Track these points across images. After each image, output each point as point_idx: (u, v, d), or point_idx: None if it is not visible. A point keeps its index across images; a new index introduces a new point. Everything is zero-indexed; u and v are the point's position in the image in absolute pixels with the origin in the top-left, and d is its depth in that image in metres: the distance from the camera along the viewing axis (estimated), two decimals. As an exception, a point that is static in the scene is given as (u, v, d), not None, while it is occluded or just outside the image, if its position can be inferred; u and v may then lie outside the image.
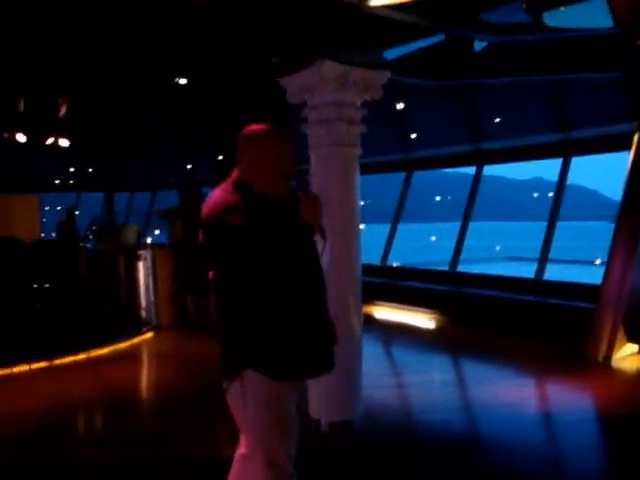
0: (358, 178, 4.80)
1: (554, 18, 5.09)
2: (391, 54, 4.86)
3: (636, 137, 7.36)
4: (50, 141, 7.50)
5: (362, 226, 4.97)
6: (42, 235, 13.39)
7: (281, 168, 2.52)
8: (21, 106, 6.71)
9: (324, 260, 4.66)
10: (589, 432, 5.26)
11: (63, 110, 6.85)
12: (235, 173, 2.58)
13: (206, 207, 2.48)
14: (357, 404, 4.88)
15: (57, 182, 16.57)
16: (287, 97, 4.88)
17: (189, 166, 13.27)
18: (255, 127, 2.56)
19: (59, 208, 18.21)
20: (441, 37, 4.72)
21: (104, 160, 12.93)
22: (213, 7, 4.17)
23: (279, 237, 2.41)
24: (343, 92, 4.62)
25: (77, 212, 16.28)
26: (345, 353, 4.66)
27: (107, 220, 14.01)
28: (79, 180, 16.66)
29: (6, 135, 7.01)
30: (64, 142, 7.75)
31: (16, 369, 6.80)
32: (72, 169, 14.72)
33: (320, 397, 4.76)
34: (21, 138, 7.11)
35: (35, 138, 7.22)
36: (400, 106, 6.35)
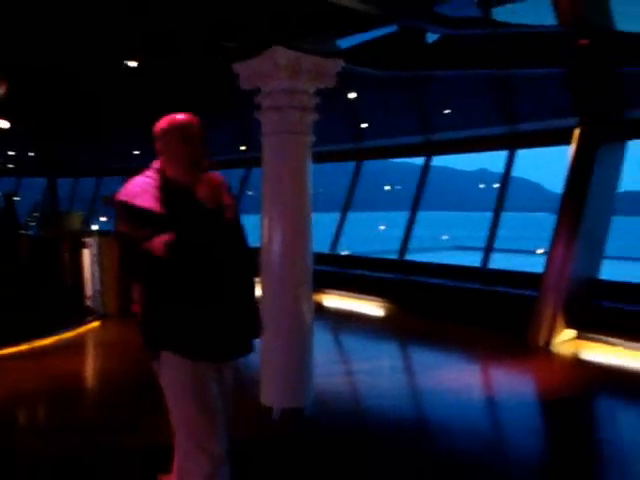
0: (310, 166, 4.80)
1: (503, 14, 5.22)
2: (345, 43, 4.87)
3: (577, 132, 7.65)
4: (-11, 122, 7.19)
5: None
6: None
7: (189, 158, 2.59)
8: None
9: (275, 248, 4.71)
10: (530, 414, 5.49)
11: (2, 90, 6.56)
12: (157, 160, 2.69)
13: (122, 190, 2.58)
14: (308, 391, 4.92)
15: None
16: (240, 83, 4.83)
17: (136, 152, 12.97)
18: (166, 119, 2.64)
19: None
20: (394, 28, 4.75)
21: (47, 144, 12.47)
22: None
23: (187, 222, 2.48)
24: (296, 79, 4.61)
25: (17, 198, 15.66)
26: (296, 341, 4.72)
27: (50, 206, 13.51)
28: (19, 164, 16.00)
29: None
30: (4, 123, 7.43)
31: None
32: (12, 152, 14.12)
33: (272, 384, 4.78)
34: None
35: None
36: (352, 95, 6.35)
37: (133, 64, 5.56)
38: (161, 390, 2.71)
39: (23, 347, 7.14)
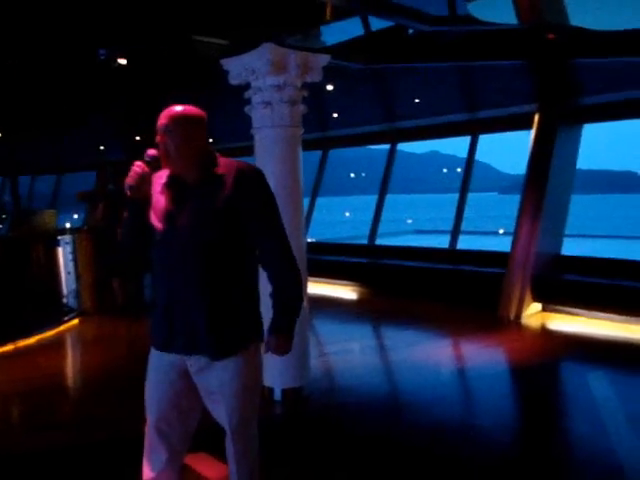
0: (301, 157, 5.03)
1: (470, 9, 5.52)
2: (331, 40, 5.10)
3: (536, 117, 8.12)
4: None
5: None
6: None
7: (205, 152, 2.51)
8: None
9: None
10: (503, 381, 5.93)
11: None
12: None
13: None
14: (306, 372, 5.19)
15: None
16: (229, 79, 5.00)
17: (102, 147, 12.84)
18: (191, 109, 2.49)
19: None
20: (378, 25, 5.02)
21: (7, 142, 12.21)
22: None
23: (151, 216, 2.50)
24: (285, 75, 4.82)
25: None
26: (295, 324, 4.95)
27: (13, 206, 13.25)
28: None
29: None
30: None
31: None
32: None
33: (272, 367, 5.01)
34: None
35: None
36: (330, 87, 6.60)
37: (123, 61, 5.61)
38: (142, 382, 2.62)
39: (8, 347, 7.16)
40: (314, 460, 4.02)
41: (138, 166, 2.41)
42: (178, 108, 2.45)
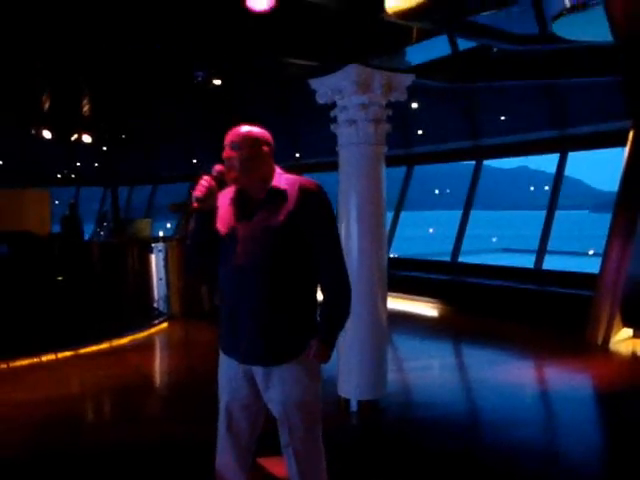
0: (384, 175, 5.14)
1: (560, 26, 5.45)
2: (416, 59, 5.20)
3: (631, 134, 7.80)
4: (74, 137, 7.73)
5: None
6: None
7: (269, 169, 2.66)
8: (46, 104, 6.93)
9: (352, 252, 5.04)
10: (588, 408, 5.69)
11: (86, 107, 7.08)
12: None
13: None
14: (383, 385, 5.25)
15: (59, 176, 16.70)
16: (316, 97, 5.20)
17: (195, 160, 13.50)
18: (257, 129, 2.65)
19: (57, 202, 18.31)
20: (459, 45, 5.07)
21: (109, 154, 13.10)
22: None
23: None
24: (370, 94, 4.95)
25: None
26: (373, 338, 5.06)
27: (113, 214, 14.25)
28: (79, 174, 16.76)
29: (33, 131, 7.21)
30: (87, 138, 7.96)
31: (44, 357, 7.07)
32: (78, 164, 14.85)
33: (350, 378, 5.12)
34: (47, 134, 7.33)
35: (60, 134, 7.43)
36: (414, 105, 6.68)
37: (217, 82, 5.96)
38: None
39: (104, 345, 7.68)
40: (387, 473, 4.05)
41: (206, 180, 2.56)
42: (245, 128, 2.63)
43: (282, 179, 2.64)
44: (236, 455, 2.79)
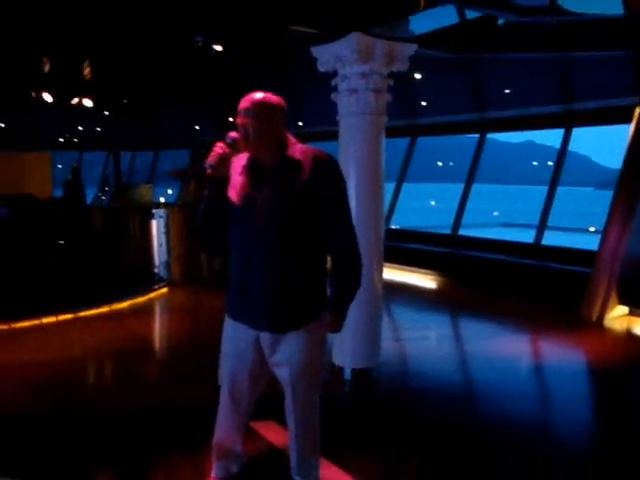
0: (384, 145, 5.12)
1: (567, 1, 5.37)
2: (419, 29, 5.13)
3: (637, 111, 7.71)
4: (75, 101, 7.69)
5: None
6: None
7: (283, 137, 2.65)
8: (47, 67, 6.87)
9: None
10: (581, 383, 5.76)
11: (87, 71, 7.02)
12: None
13: None
14: (376, 354, 5.31)
15: (61, 140, 16.65)
16: (317, 66, 5.15)
17: (196, 127, 13.43)
18: (271, 96, 2.64)
19: (59, 166, 18.32)
20: (467, 15, 4.99)
21: (112, 119, 13.04)
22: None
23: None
24: (372, 63, 4.90)
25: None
26: (368, 308, 5.10)
27: (115, 179, 14.24)
28: (83, 138, 16.71)
29: (33, 94, 7.16)
30: (88, 102, 7.91)
31: (45, 320, 7.15)
32: (80, 128, 14.80)
33: (344, 347, 5.18)
34: (47, 97, 7.28)
35: (61, 98, 7.38)
36: (418, 76, 6.61)
37: (218, 48, 5.91)
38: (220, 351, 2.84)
39: (104, 309, 7.76)
40: (379, 441, 4.11)
41: (219, 147, 2.58)
42: (259, 94, 2.60)
43: (296, 149, 2.64)
44: (235, 419, 2.87)
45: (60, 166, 18.28)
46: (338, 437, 3.78)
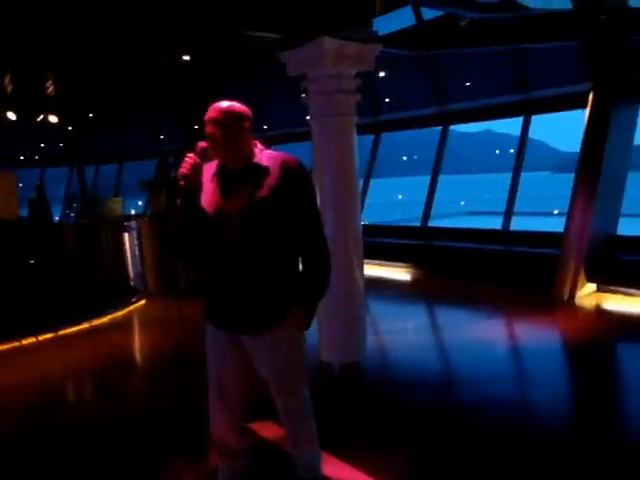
0: (356, 144, 5.25)
1: None
2: (383, 30, 5.28)
3: (591, 96, 8.03)
4: (40, 118, 7.60)
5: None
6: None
7: (250, 144, 2.75)
8: (9, 85, 6.80)
9: (327, 219, 5.17)
10: (557, 361, 5.98)
11: (51, 88, 6.97)
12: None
13: None
14: (363, 348, 5.45)
15: (22, 158, 16.32)
16: (287, 70, 5.25)
17: (162, 136, 13.36)
18: (237, 105, 2.73)
19: (20, 185, 17.93)
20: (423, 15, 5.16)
21: (74, 134, 12.88)
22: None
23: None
24: (340, 65, 5.03)
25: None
26: (352, 303, 5.23)
27: (81, 194, 14.02)
28: (44, 155, 16.41)
29: (-4, 114, 7.06)
30: (53, 118, 7.82)
31: (24, 341, 7.07)
32: (42, 144, 14.54)
33: (331, 343, 5.30)
34: (12, 116, 7.18)
35: (26, 116, 7.29)
36: (381, 74, 6.77)
37: (186, 58, 5.94)
38: (204, 359, 2.91)
39: (84, 326, 7.70)
40: (374, 432, 4.19)
41: (190, 157, 2.66)
42: (225, 103, 2.69)
43: (264, 155, 2.73)
44: (227, 416, 2.94)
45: (21, 185, 17.91)
46: (335, 431, 3.87)
